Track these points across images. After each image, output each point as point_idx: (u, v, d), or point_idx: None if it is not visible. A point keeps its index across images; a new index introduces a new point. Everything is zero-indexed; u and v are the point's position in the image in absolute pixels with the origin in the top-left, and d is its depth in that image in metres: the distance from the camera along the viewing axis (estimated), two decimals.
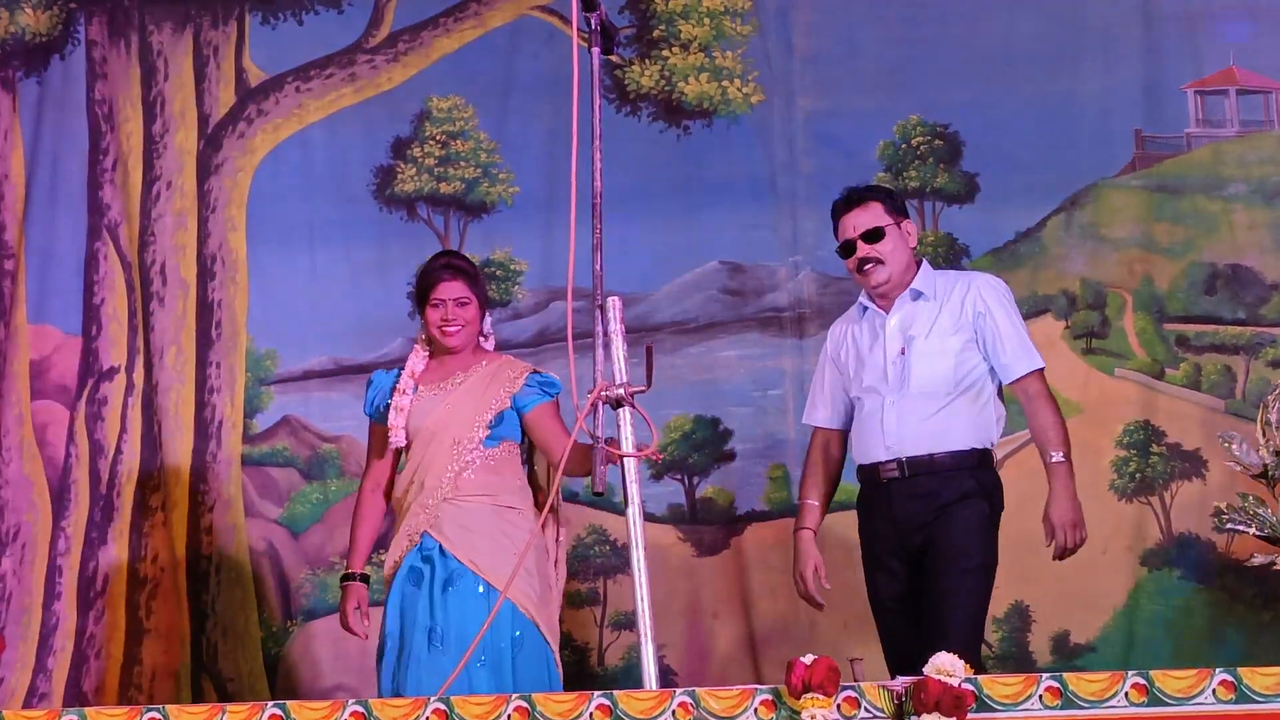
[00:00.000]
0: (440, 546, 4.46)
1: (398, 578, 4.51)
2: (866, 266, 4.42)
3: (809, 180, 5.64)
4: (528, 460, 4.66)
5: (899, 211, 4.50)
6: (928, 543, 4.32)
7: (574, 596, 5.62)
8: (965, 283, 4.47)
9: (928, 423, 4.33)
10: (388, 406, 4.61)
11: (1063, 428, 4.38)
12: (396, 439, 4.58)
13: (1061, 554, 4.39)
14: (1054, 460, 4.34)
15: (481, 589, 4.41)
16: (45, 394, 5.97)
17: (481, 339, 4.69)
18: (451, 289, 4.57)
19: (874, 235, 4.41)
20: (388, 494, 4.69)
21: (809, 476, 4.58)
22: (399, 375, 4.62)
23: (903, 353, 4.38)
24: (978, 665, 2.96)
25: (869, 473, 4.43)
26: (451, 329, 4.57)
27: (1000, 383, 4.46)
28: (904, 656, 4.17)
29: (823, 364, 4.61)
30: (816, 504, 4.55)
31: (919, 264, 4.50)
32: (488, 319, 4.73)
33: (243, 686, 5.71)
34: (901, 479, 4.34)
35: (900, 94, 5.67)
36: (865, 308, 4.51)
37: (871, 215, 4.43)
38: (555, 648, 4.47)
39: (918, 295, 4.44)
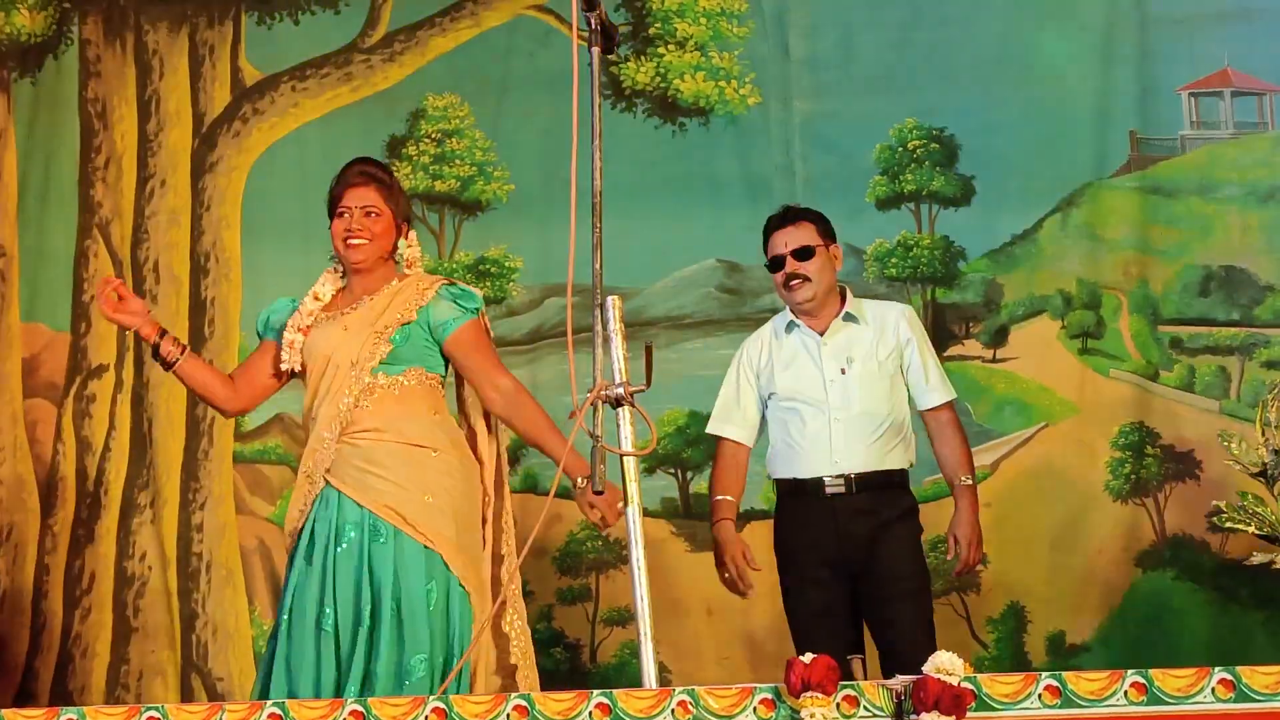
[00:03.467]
0: (339, 494, 3.94)
1: (297, 548, 4.00)
2: (793, 282, 4.54)
3: (806, 183, 5.65)
4: (459, 401, 4.16)
5: (829, 236, 4.62)
6: (870, 560, 4.45)
7: (567, 592, 5.62)
8: (894, 312, 4.64)
9: (873, 443, 4.49)
10: (284, 328, 4.13)
11: (970, 454, 4.61)
12: (290, 359, 4.08)
13: (963, 570, 4.60)
14: (965, 483, 4.56)
15: (381, 534, 3.90)
16: (35, 391, 5.96)
17: (407, 267, 4.15)
18: (360, 196, 4.06)
19: (804, 253, 4.54)
20: (238, 398, 4.20)
21: (724, 477, 4.64)
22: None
23: (843, 373, 4.52)
24: None
25: (804, 485, 4.51)
26: (355, 240, 4.04)
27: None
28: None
29: (735, 378, 4.67)
30: (734, 499, 4.63)
31: (843, 290, 4.63)
32: (413, 245, 4.18)
33: (233, 685, 5.69)
34: (848, 494, 4.46)
35: (896, 97, 5.68)
36: (793, 324, 4.61)
37: (804, 234, 4.57)
38: (484, 614, 3.95)
39: (851, 319, 4.58)
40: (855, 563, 4.47)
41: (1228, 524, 4.41)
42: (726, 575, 4.57)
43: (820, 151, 5.65)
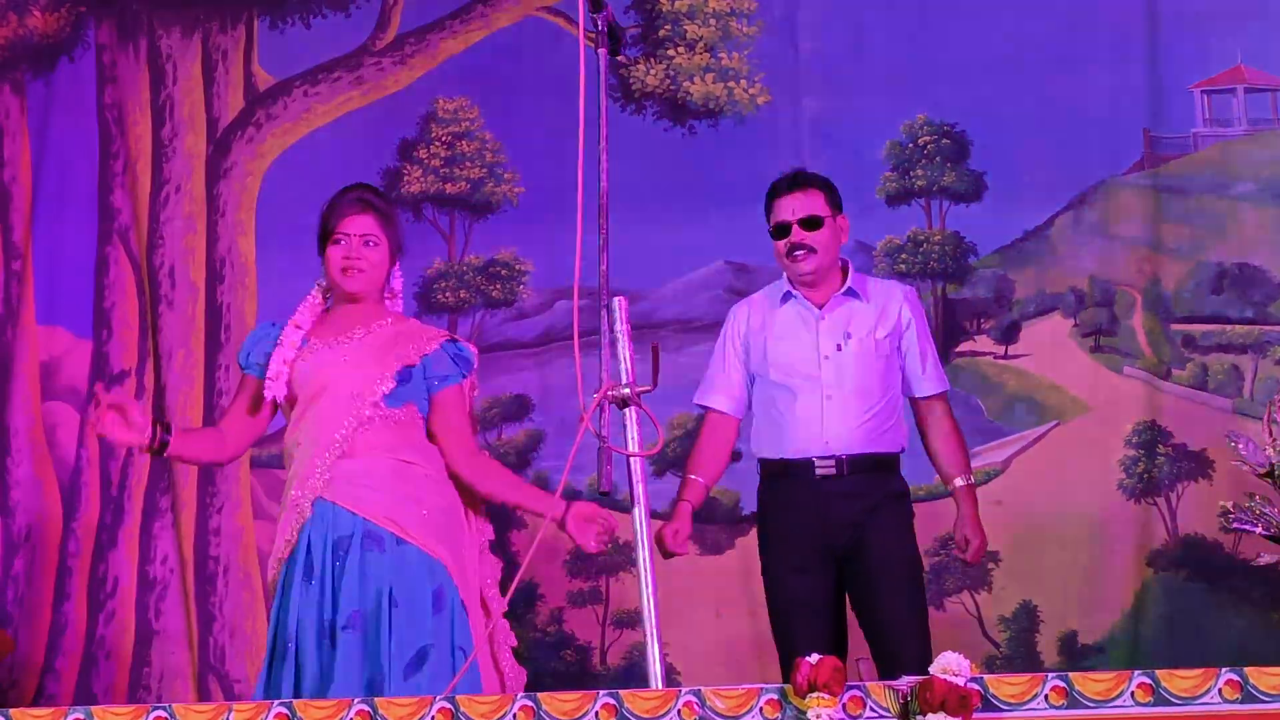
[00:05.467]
0: (334, 508, 3.90)
1: (287, 568, 3.92)
2: (798, 253, 4.37)
3: None
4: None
5: (837, 205, 4.46)
6: (857, 546, 4.31)
7: (576, 595, 5.63)
8: (897, 291, 4.49)
9: (866, 422, 4.33)
10: (268, 358, 4.02)
11: (965, 449, 4.48)
12: (274, 389, 3.98)
13: (975, 560, 4.49)
14: (963, 484, 4.43)
15: (382, 542, 3.88)
16: (56, 395, 5.99)
17: (388, 297, 4.14)
18: (359, 224, 4.01)
19: (812, 223, 4.38)
20: (231, 448, 4.17)
21: (701, 455, 4.49)
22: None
23: (839, 349, 4.36)
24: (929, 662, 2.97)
25: (791, 466, 4.36)
26: (352, 270, 4.00)
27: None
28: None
29: (723, 346, 4.53)
30: (704, 482, 4.49)
31: (845, 265, 4.49)
32: (398, 275, 4.17)
33: (249, 688, 5.69)
34: (837, 476, 4.31)
35: (907, 94, 5.66)
36: (790, 295, 4.45)
37: (812, 202, 4.40)
38: (475, 617, 3.96)
39: (852, 294, 4.42)
40: (841, 549, 4.31)
41: (1235, 525, 4.39)
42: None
43: (830, 148, 5.65)
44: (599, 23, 3.29)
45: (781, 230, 4.41)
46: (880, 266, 5.59)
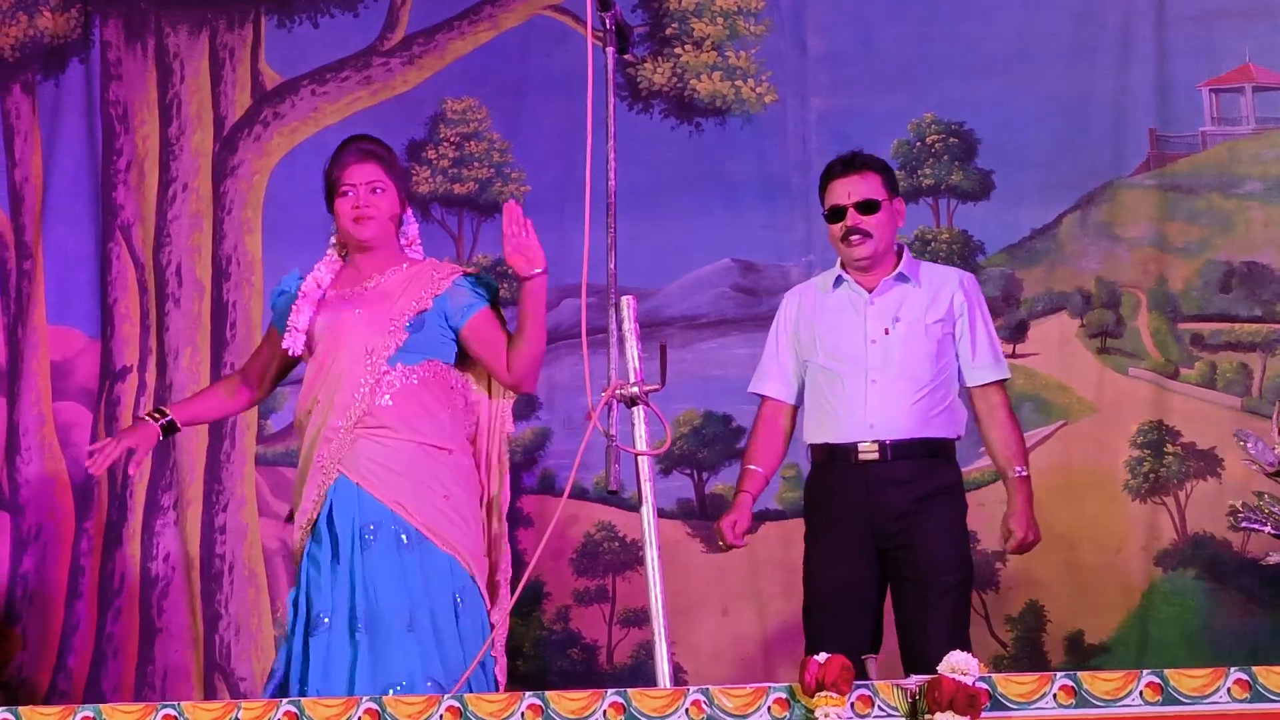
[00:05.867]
0: (360, 490, 3.91)
1: (316, 544, 3.94)
2: (853, 237, 4.31)
3: None
4: (461, 387, 4.12)
5: (893, 189, 4.41)
6: (906, 543, 4.22)
7: (583, 594, 5.63)
8: (952, 276, 4.41)
9: (912, 407, 4.25)
10: (290, 310, 4.07)
11: (1023, 439, 4.38)
12: (293, 343, 4.02)
13: (1015, 551, 4.40)
14: (1020, 475, 4.31)
15: (405, 538, 3.90)
16: (68, 395, 6.00)
17: (405, 245, 4.16)
18: (364, 172, 4.04)
19: (869, 207, 4.31)
20: (250, 392, 4.23)
21: (757, 444, 4.45)
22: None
23: (886, 333, 4.29)
24: None
25: (837, 451, 4.29)
26: (363, 217, 4.00)
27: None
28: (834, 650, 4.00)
29: (776, 333, 4.47)
30: (763, 472, 4.44)
31: (900, 248, 4.43)
32: (413, 222, 4.21)
33: (255, 686, 5.71)
34: (882, 462, 4.23)
35: (914, 92, 5.66)
36: (841, 279, 4.39)
37: (869, 185, 4.33)
38: (490, 614, 3.98)
39: (904, 279, 4.35)
40: (888, 539, 4.22)
41: (1243, 524, 4.38)
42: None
43: (837, 147, 5.57)
44: (606, 21, 3.30)
45: (836, 214, 4.34)
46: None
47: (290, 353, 4.06)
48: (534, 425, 5.67)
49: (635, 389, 3.22)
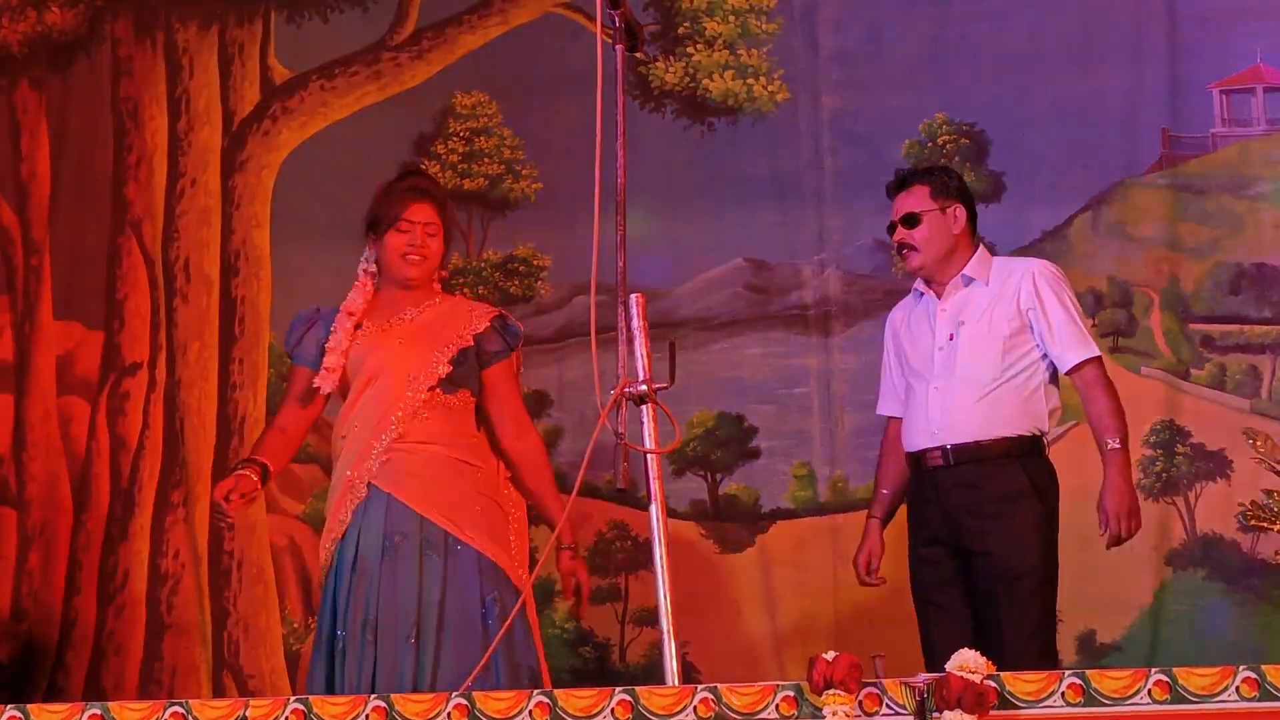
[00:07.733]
0: (390, 498, 3.93)
1: (340, 552, 3.95)
2: (903, 251, 4.39)
3: (834, 179, 5.64)
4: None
5: (944, 194, 4.38)
6: (983, 549, 4.22)
7: (595, 593, 5.61)
8: (1020, 270, 4.36)
9: (973, 409, 4.24)
10: (319, 346, 4.05)
11: (1120, 415, 4.26)
12: (326, 382, 4.01)
13: (1115, 543, 4.30)
14: (1111, 448, 4.22)
15: (431, 545, 3.92)
16: (70, 389, 6.00)
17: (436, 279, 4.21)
18: (423, 212, 4.05)
19: (910, 220, 4.35)
20: (294, 443, 4.18)
21: (882, 464, 4.53)
22: (336, 313, 4.07)
23: (951, 339, 4.31)
24: None
25: (915, 460, 4.35)
26: (415, 257, 4.05)
27: (1054, 372, 4.35)
28: (939, 655, 4.04)
29: (886, 352, 4.54)
30: (887, 492, 4.49)
31: (975, 247, 4.41)
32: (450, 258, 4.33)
33: (264, 683, 5.72)
34: (946, 467, 4.25)
35: (926, 92, 5.66)
36: (921, 294, 4.45)
37: (913, 200, 4.36)
38: (534, 618, 4.03)
39: (969, 281, 4.35)
40: (965, 538, 4.24)
41: (1252, 523, 4.38)
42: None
43: (849, 147, 5.64)
44: (617, 20, 3.28)
45: (890, 230, 4.42)
46: (899, 265, 5.57)
47: (323, 390, 4.06)
48: (545, 423, 5.66)
49: (645, 387, 3.21)
